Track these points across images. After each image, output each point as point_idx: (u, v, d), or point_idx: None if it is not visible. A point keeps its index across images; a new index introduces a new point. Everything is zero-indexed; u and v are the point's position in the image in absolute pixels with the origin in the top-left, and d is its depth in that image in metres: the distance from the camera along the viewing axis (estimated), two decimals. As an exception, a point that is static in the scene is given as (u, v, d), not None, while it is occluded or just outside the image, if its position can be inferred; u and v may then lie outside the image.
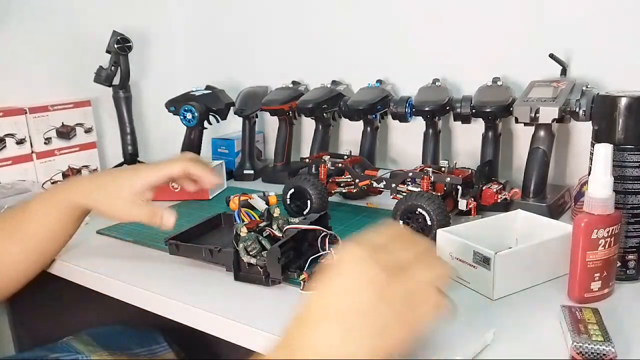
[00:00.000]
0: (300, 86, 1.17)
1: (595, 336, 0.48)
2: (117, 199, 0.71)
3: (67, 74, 1.21)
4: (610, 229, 0.55)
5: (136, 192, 0.71)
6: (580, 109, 0.80)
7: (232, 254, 0.66)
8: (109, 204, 0.71)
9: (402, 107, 0.98)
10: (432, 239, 0.69)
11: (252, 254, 0.65)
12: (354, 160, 0.93)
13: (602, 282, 0.57)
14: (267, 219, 0.72)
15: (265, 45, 1.28)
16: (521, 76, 0.95)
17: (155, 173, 0.72)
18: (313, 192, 0.84)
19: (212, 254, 0.68)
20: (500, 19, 0.97)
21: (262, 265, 0.64)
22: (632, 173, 0.59)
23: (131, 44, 1.16)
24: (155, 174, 0.72)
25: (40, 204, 0.72)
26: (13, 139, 1.07)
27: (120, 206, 0.71)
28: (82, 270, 0.73)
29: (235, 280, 0.67)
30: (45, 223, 0.71)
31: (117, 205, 0.71)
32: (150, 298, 0.65)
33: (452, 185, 0.79)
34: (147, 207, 0.71)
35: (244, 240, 0.66)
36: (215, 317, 0.59)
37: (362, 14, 1.12)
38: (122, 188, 0.71)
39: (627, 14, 0.86)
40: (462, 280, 0.63)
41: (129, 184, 0.71)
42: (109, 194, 0.71)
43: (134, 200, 0.70)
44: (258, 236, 0.67)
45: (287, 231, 0.69)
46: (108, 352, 0.81)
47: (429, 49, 1.06)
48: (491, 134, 0.94)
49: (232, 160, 1.24)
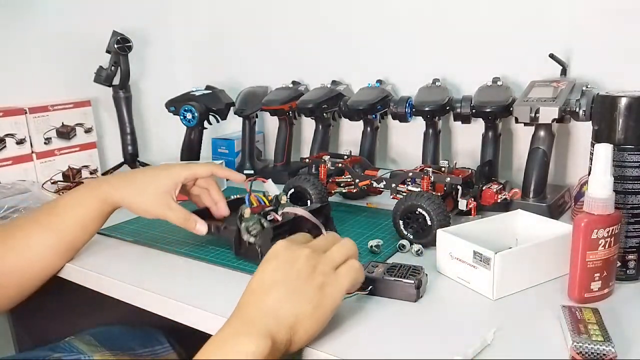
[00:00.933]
0: (300, 86, 1.17)
1: (595, 336, 0.48)
2: (146, 195, 0.73)
3: (67, 74, 1.21)
4: (610, 229, 0.56)
5: (165, 189, 0.74)
6: (580, 109, 0.81)
7: (235, 231, 0.71)
8: (138, 199, 0.74)
9: (402, 107, 0.98)
10: (432, 239, 0.69)
11: (252, 233, 0.70)
12: (354, 160, 0.93)
13: (602, 282, 0.57)
14: (275, 205, 0.77)
15: (265, 45, 1.28)
16: (521, 76, 0.95)
17: (184, 171, 0.76)
18: (313, 192, 0.85)
19: (218, 230, 0.74)
20: (501, 19, 0.97)
21: (261, 245, 0.69)
22: (632, 173, 0.59)
23: (131, 44, 1.16)
24: (183, 172, 0.75)
25: (72, 198, 0.74)
26: (13, 139, 1.07)
27: (149, 202, 0.73)
28: (82, 270, 0.73)
29: (236, 256, 0.72)
30: (76, 216, 0.73)
31: (147, 201, 0.73)
32: (151, 298, 0.65)
33: (452, 185, 0.79)
34: (182, 211, 0.74)
35: (247, 221, 0.71)
36: (215, 317, 0.59)
37: (362, 14, 1.12)
38: (151, 184, 0.74)
39: (627, 14, 0.86)
40: (462, 280, 0.63)
41: (158, 181, 0.74)
42: (139, 189, 0.74)
43: (164, 197, 0.73)
44: (260, 218, 0.72)
45: (284, 214, 0.74)
46: (110, 352, 0.81)
47: (429, 49, 1.06)
48: (491, 134, 0.94)
49: (232, 160, 1.24)
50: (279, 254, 0.53)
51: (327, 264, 0.53)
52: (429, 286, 0.62)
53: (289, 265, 0.52)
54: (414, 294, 0.58)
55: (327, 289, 0.51)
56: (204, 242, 0.78)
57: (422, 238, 0.73)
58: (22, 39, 1.13)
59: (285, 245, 0.54)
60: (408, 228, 0.75)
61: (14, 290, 0.73)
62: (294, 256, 0.52)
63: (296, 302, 0.50)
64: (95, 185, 0.75)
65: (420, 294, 0.59)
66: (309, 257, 0.52)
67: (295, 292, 0.50)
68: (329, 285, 0.52)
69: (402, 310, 0.57)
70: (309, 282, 0.51)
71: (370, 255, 0.72)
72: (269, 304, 0.50)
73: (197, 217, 0.75)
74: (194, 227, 0.74)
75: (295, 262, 0.52)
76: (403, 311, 0.57)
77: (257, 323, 0.48)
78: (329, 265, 0.53)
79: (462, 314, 0.57)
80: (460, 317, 0.56)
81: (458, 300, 0.60)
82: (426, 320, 0.56)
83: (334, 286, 0.52)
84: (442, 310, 0.57)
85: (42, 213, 0.74)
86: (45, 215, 0.74)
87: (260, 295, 0.51)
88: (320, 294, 0.51)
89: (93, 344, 0.82)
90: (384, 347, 0.51)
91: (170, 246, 0.78)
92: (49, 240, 0.72)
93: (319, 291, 0.51)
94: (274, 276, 0.51)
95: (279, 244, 0.54)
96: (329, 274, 0.52)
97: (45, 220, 0.73)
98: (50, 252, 0.73)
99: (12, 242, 0.72)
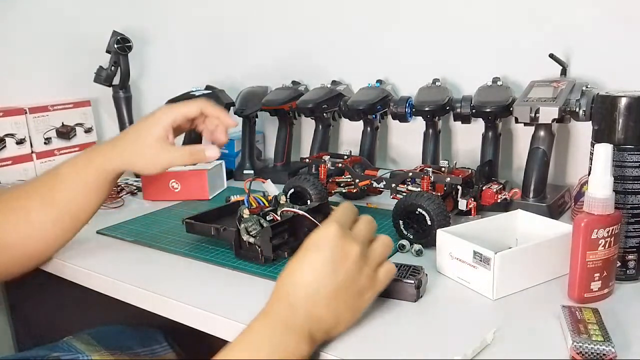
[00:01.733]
0: (300, 86, 1.17)
1: (595, 336, 0.48)
2: (144, 149, 0.70)
3: (67, 74, 1.21)
4: (610, 229, 0.56)
5: (159, 136, 0.70)
6: (580, 109, 0.81)
7: (234, 232, 0.71)
8: (135, 160, 0.71)
9: (402, 107, 0.98)
10: (432, 239, 0.69)
11: (252, 234, 0.70)
12: (354, 160, 0.93)
13: (602, 282, 0.57)
14: (274, 205, 0.77)
15: (265, 45, 1.28)
16: (521, 76, 0.95)
17: (172, 113, 0.72)
18: (313, 192, 0.85)
19: (218, 232, 0.74)
20: (501, 19, 0.97)
21: (260, 245, 0.69)
22: (632, 173, 0.59)
23: (131, 44, 1.16)
24: (172, 114, 0.71)
25: (70, 168, 0.72)
26: (13, 139, 1.07)
27: (150, 155, 0.70)
28: (81, 270, 0.73)
29: (236, 257, 0.72)
30: (75, 187, 0.70)
31: (147, 155, 0.70)
32: (150, 298, 0.65)
33: (452, 185, 0.79)
34: (182, 149, 0.71)
35: (246, 221, 0.71)
36: (215, 317, 0.59)
37: (362, 14, 1.12)
38: (145, 137, 0.70)
39: (627, 14, 0.86)
40: (462, 280, 0.63)
41: (149, 132, 0.70)
42: (135, 147, 0.71)
43: (162, 146, 0.70)
44: (259, 218, 0.72)
45: (283, 214, 0.75)
46: (109, 352, 0.81)
47: (429, 49, 1.06)
48: (491, 134, 0.94)
49: (232, 160, 1.24)
50: (331, 245, 0.50)
51: (371, 266, 0.52)
52: (429, 286, 0.62)
53: (339, 263, 0.50)
54: (414, 294, 0.58)
55: (366, 294, 0.52)
56: (204, 242, 0.78)
57: (422, 238, 0.73)
58: (22, 39, 1.13)
59: (337, 234, 0.51)
60: (408, 228, 0.75)
61: (15, 266, 0.71)
62: (345, 252, 0.50)
63: (339, 308, 0.50)
64: (93, 156, 0.72)
65: (420, 294, 0.59)
66: (358, 257, 0.51)
67: (340, 296, 0.50)
68: (369, 290, 0.52)
69: (402, 310, 0.57)
70: (353, 286, 0.50)
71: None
72: (315, 307, 0.49)
73: (202, 146, 0.72)
74: (204, 157, 0.71)
75: (345, 259, 0.50)
76: (403, 311, 0.57)
77: (304, 327, 0.48)
78: (373, 266, 0.53)
79: (462, 314, 0.57)
80: (460, 317, 0.56)
81: (458, 300, 0.60)
82: (426, 320, 0.56)
83: (371, 291, 0.52)
84: (442, 310, 0.57)
85: (43, 185, 0.71)
86: (46, 188, 0.71)
87: (305, 293, 0.49)
88: (360, 301, 0.51)
89: (92, 343, 0.82)
90: (384, 347, 0.51)
91: (170, 246, 0.78)
92: (49, 215, 0.70)
93: (359, 297, 0.51)
94: (323, 271, 0.50)
95: (332, 231, 0.51)
96: (372, 278, 0.52)
97: (47, 194, 0.70)
98: (52, 227, 0.71)
99: (12, 217, 0.70)
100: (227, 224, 0.75)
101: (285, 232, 0.72)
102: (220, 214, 0.82)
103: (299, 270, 0.51)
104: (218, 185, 1.07)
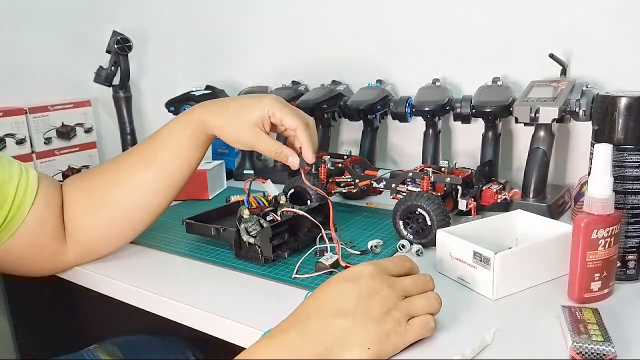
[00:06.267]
0: (300, 86, 1.17)
1: (595, 336, 0.48)
2: (239, 127, 0.70)
3: (67, 74, 1.21)
4: (610, 229, 0.55)
5: (253, 121, 0.70)
6: (580, 109, 0.81)
7: (234, 233, 0.71)
8: (231, 129, 0.71)
9: (402, 107, 0.98)
10: (432, 239, 0.69)
11: (252, 234, 0.71)
12: (354, 160, 0.93)
13: (602, 282, 0.57)
14: (274, 205, 0.78)
15: (265, 45, 1.28)
16: (521, 76, 0.95)
17: (274, 107, 0.70)
18: (313, 192, 0.84)
19: (218, 233, 0.74)
20: (501, 19, 0.97)
21: (260, 245, 0.69)
22: (632, 173, 0.59)
23: (131, 44, 1.16)
24: (273, 109, 0.70)
25: (170, 129, 0.73)
26: (13, 139, 1.08)
27: (241, 131, 0.70)
28: (82, 270, 0.73)
29: (236, 257, 0.72)
30: (172, 148, 0.72)
31: (240, 130, 0.70)
32: (150, 298, 0.65)
33: (452, 185, 0.79)
34: (273, 143, 0.70)
35: (246, 222, 0.71)
36: (215, 318, 0.59)
37: (362, 14, 1.12)
38: (241, 114, 0.71)
39: (627, 14, 0.86)
40: (462, 281, 0.63)
41: (250, 113, 0.70)
42: (231, 119, 0.71)
43: (255, 129, 0.70)
44: (259, 219, 0.73)
45: (283, 214, 0.75)
46: None
47: (429, 49, 1.06)
48: (491, 134, 0.94)
49: (232, 160, 1.24)
50: (360, 279, 0.50)
51: (403, 312, 0.49)
52: (429, 286, 0.62)
53: (365, 296, 0.48)
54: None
55: (393, 338, 0.48)
56: (203, 242, 0.78)
57: (422, 238, 0.73)
58: (22, 39, 1.13)
59: (370, 272, 0.50)
60: (408, 228, 0.75)
61: (123, 225, 0.73)
62: (374, 289, 0.49)
63: (357, 340, 0.47)
64: (190, 112, 0.73)
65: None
66: (387, 297, 0.49)
67: (359, 329, 0.47)
68: (396, 335, 0.49)
69: (402, 310, 0.57)
70: (377, 323, 0.48)
71: (371, 256, 0.72)
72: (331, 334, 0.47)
73: (290, 151, 0.71)
74: (286, 160, 0.71)
75: (372, 296, 0.49)
76: (403, 311, 0.57)
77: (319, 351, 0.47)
78: (405, 313, 0.50)
79: (462, 313, 0.57)
80: (460, 317, 0.56)
81: (458, 300, 0.60)
82: (426, 320, 0.55)
83: (399, 338, 0.49)
84: (442, 310, 0.57)
85: (145, 145, 0.74)
86: (147, 148, 0.73)
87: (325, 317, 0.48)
88: (385, 341, 0.48)
89: (116, 354, 0.80)
90: (383, 347, 0.51)
91: (170, 246, 0.78)
92: (150, 174, 0.72)
93: (384, 337, 0.48)
94: (347, 300, 0.48)
95: (366, 267, 0.50)
96: (401, 323, 0.49)
97: (148, 153, 0.73)
98: (153, 186, 0.72)
99: (120, 175, 0.72)
100: (227, 224, 0.75)
101: (285, 232, 0.72)
102: (220, 214, 0.82)
103: (324, 293, 0.50)
104: (218, 186, 1.07)
